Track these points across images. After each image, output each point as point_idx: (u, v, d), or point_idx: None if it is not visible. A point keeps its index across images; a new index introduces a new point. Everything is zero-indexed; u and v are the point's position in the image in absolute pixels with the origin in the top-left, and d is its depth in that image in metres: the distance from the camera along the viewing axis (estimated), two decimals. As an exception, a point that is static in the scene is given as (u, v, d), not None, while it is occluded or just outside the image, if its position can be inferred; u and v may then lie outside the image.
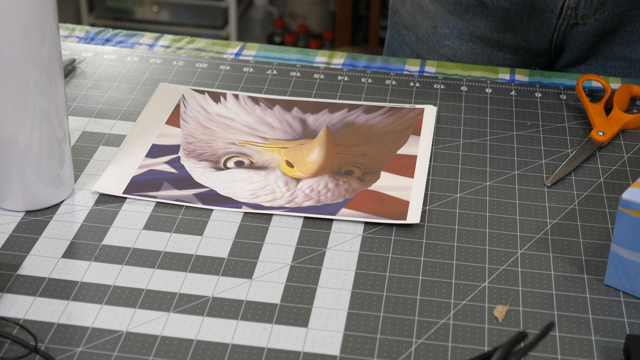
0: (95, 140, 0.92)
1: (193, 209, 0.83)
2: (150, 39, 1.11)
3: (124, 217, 0.82)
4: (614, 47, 1.12)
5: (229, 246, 0.79)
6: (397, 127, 0.94)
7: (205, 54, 1.07)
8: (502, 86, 1.02)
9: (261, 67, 1.04)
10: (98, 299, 0.73)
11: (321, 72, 1.04)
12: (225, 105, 0.97)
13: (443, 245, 0.79)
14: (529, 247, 0.79)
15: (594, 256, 0.78)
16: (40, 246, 0.78)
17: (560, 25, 1.10)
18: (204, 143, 0.91)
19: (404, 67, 1.06)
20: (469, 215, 0.83)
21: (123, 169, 0.87)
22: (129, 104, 0.97)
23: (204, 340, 0.70)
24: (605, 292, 0.75)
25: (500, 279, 0.76)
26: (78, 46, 1.08)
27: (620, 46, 1.12)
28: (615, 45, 1.12)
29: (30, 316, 0.71)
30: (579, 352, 0.69)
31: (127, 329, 0.71)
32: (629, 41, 1.11)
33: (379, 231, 0.81)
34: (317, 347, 0.69)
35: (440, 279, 0.76)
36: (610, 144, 0.93)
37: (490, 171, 0.88)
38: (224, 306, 0.73)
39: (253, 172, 0.87)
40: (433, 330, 0.71)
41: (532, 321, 0.72)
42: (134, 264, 0.77)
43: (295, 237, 0.80)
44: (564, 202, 0.85)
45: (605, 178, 0.88)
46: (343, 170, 0.88)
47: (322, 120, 0.95)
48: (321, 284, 0.75)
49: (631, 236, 0.72)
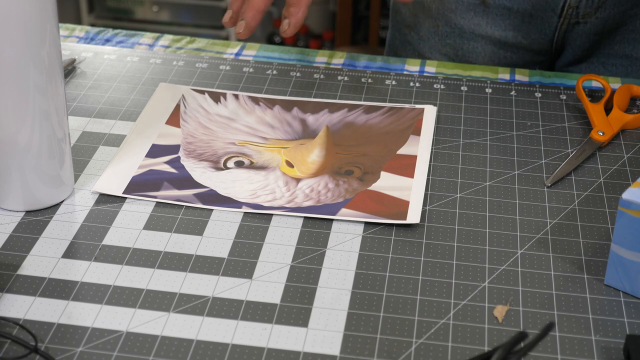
0: (95, 140, 0.92)
1: (193, 209, 0.83)
2: (150, 39, 1.11)
3: (124, 217, 0.82)
4: (615, 45, 1.12)
5: (229, 246, 0.79)
6: (397, 127, 0.94)
7: (205, 54, 1.07)
8: (502, 86, 1.02)
9: (261, 67, 1.04)
10: (98, 299, 0.73)
11: (321, 72, 1.04)
12: (225, 105, 0.97)
13: (443, 245, 0.79)
14: (529, 247, 0.79)
15: (594, 256, 0.78)
16: (40, 246, 0.78)
17: (562, 24, 1.10)
18: (204, 143, 0.91)
19: (404, 67, 1.06)
20: (469, 215, 0.83)
21: (123, 169, 0.87)
22: (129, 104, 0.97)
23: (204, 340, 0.70)
24: (605, 292, 0.75)
25: (500, 279, 0.76)
26: (78, 46, 1.08)
27: (621, 45, 1.12)
28: (616, 43, 1.12)
29: (30, 316, 0.71)
30: (579, 352, 0.69)
31: (127, 329, 0.71)
32: (630, 39, 1.11)
33: (379, 231, 0.81)
34: (317, 347, 0.69)
35: (440, 279, 0.76)
36: (610, 144, 0.93)
37: (490, 171, 0.88)
38: (224, 306, 0.73)
39: (253, 172, 0.87)
40: (433, 330, 0.71)
41: (532, 321, 0.72)
42: (134, 264, 0.77)
43: (295, 237, 0.80)
44: (564, 202, 0.85)
45: (605, 178, 0.88)
46: (343, 170, 0.88)
47: (322, 120, 0.95)
48: (321, 284, 0.75)
49: (631, 236, 0.72)
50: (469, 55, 1.16)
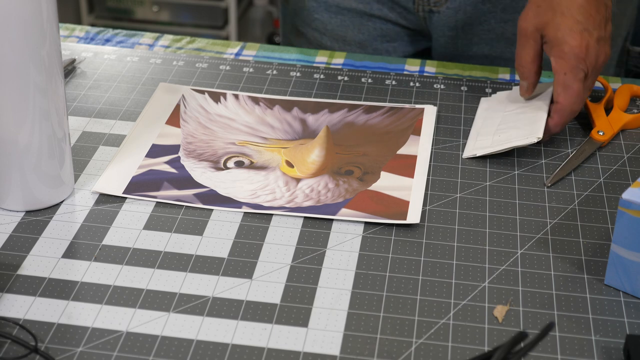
0: (95, 140, 0.92)
1: (193, 209, 0.83)
2: (150, 39, 1.11)
3: (124, 217, 0.82)
4: (473, 47, 1.12)
5: (229, 246, 0.79)
6: (397, 127, 0.94)
7: (205, 54, 1.07)
8: (502, 86, 1.02)
9: (261, 67, 1.04)
10: (98, 299, 0.73)
11: (321, 72, 1.04)
12: (225, 105, 0.97)
13: (443, 245, 0.79)
14: (529, 247, 0.79)
15: (594, 256, 0.78)
16: (40, 246, 0.78)
17: (417, 9, 1.10)
18: (204, 143, 0.91)
19: (404, 67, 1.06)
20: (469, 215, 0.83)
21: (123, 169, 0.87)
22: (129, 104, 0.97)
23: (204, 340, 0.70)
24: (605, 292, 0.75)
25: (500, 279, 0.76)
26: (78, 46, 1.08)
27: (479, 46, 1.12)
28: (474, 45, 1.12)
29: (30, 316, 0.71)
30: (579, 352, 0.69)
31: (127, 329, 0.71)
32: (487, 40, 1.11)
33: (379, 231, 0.81)
34: (317, 347, 0.69)
35: (440, 279, 0.76)
36: (610, 144, 0.93)
37: (490, 171, 0.88)
38: (224, 306, 0.73)
39: (253, 172, 0.87)
40: (433, 330, 0.71)
41: (532, 321, 0.72)
42: (134, 264, 0.77)
43: (295, 237, 0.80)
44: (564, 202, 0.85)
45: (605, 178, 0.88)
46: (343, 170, 0.88)
47: (322, 120, 0.95)
48: (321, 284, 0.75)
49: (631, 236, 0.72)
50: (339, 29, 1.15)
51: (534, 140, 0.87)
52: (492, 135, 0.91)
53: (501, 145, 0.89)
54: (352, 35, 1.15)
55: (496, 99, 0.98)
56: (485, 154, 0.89)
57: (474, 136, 0.93)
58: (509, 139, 0.89)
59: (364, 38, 1.14)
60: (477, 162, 0.90)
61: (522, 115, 0.92)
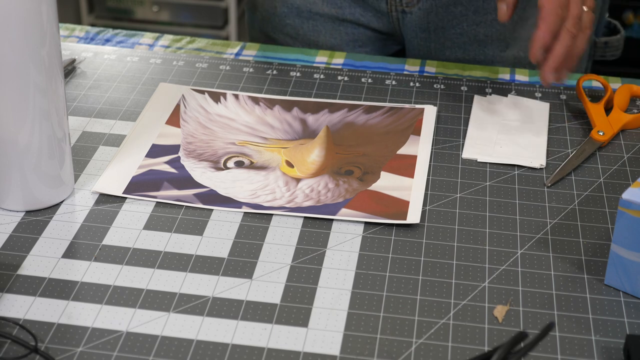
0: (95, 140, 0.92)
1: (193, 209, 0.83)
2: (150, 39, 1.11)
3: (124, 217, 0.82)
4: (446, 51, 1.12)
5: (229, 246, 0.79)
6: (397, 127, 0.94)
7: (205, 54, 1.07)
8: (502, 86, 1.02)
9: (261, 67, 1.04)
10: (98, 299, 0.73)
11: (321, 72, 1.04)
12: (225, 105, 0.97)
13: (443, 245, 0.79)
14: (529, 247, 0.79)
15: (594, 256, 0.78)
16: (40, 246, 0.78)
17: (390, 10, 1.10)
18: (204, 143, 0.91)
19: (404, 67, 1.06)
20: (469, 215, 0.83)
21: (123, 169, 0.87)
22: (129, 104, 0.97)
23: (204, 340, 0.70)
24: (605, 292, 0.75)
25: (500, 279, 0.76)
26: (78, 46, 1.08)
27: (452, 50, 1.12)
28: (447, 49, 1.12)
29: (30, 316, 0.71)
30: (579, 352, 0.69)
31: (127, 329, 0.71)
32: (459, 43, 1.11)
33: (379, 231, 0.81)
34: (317, 347, 0.69)
35: (440, 279, 0.76)
36: (610, 144, 0.93)
37: (490, 171, 0.88)
38: (224, 306, 0.73)
39: (253, 172, 0.87)
40: (433, 330, 0.71)
41: (532, 321, 0.72)
42: (134, 264, 0.77)
43: (295, 237, 0.80)
44: (564, 202, 0.85)
45: (605, 178, 0.88)
46: (343, 170, 0.88)
47: (322, 120, 0.95)
48: (321, 284, 0.75)
49: (631, 236, 0.72)
50: (311, 34, 1.15)
51: (537, 167, 0.88)
52: (494, 144, 0.91)
53: (504, 160, 0.89)
54: (324, 40, 1.15)
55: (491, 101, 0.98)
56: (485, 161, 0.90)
57: (474, 136, 0.93)
58: (511, 156, 0.90)
59: (336, 43, 1.14)
60: (477, 162, 0.90)
61: (523, 134, 0.93)
